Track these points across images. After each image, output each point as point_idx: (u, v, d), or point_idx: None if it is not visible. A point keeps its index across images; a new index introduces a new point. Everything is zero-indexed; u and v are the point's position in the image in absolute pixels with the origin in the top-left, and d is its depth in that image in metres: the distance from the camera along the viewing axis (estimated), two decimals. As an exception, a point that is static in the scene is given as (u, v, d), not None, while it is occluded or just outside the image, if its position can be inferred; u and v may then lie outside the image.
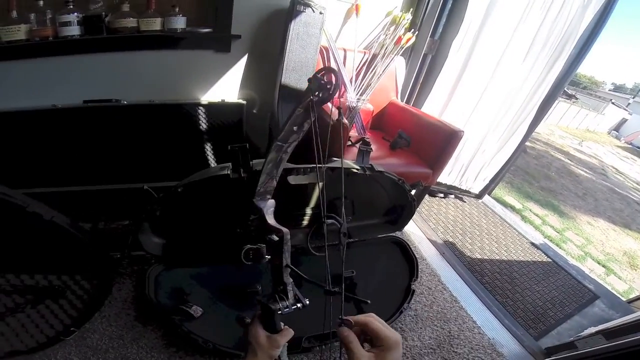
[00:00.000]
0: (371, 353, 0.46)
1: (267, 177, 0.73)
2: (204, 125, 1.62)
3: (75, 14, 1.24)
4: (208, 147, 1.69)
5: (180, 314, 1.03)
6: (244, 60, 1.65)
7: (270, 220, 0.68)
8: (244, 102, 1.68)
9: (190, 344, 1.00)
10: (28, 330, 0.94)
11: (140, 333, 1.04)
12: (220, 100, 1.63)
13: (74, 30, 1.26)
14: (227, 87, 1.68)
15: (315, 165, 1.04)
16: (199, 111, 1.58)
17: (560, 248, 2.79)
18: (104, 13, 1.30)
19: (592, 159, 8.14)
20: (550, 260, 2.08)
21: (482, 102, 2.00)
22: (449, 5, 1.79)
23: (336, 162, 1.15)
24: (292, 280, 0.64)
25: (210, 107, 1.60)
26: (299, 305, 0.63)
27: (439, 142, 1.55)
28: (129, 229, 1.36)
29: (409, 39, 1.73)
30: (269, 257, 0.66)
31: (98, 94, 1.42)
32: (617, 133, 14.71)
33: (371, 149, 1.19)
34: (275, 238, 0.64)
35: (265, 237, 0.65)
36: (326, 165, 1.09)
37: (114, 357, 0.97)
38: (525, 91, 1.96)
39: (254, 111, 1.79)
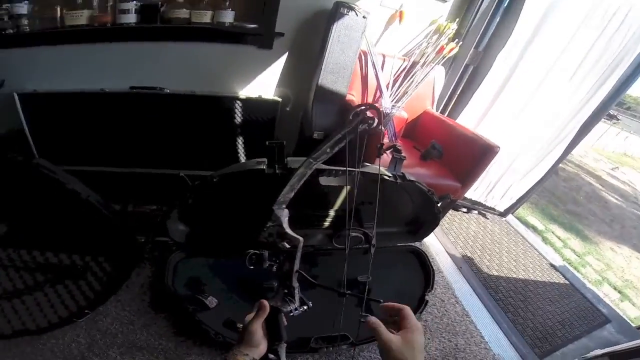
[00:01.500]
0: (398, 335, 0.52)
1: (290, 188, 0.75)
2: (239, 119, 1.66)
3: (134, 1, 1.30)
4: (240, 141, 1.73)
5: (195, 303, 1.03)
6: (283, 58, 1.67)
7: (287, 229, 0.69)
8: (280, 99, 1.70)
9: (200, 334, 1.00)
10: (43, 310, 0.94)
11: (152, 320, 1.04)
12: (257, 96, 1.66)
13: (131, 18, 1.32)
14: (265, 84, 1.72)
15: (346, 169, 1.07)
16: (236, 105, 1.62)
17: (577, 272, 2.68)
18: (159, 3, 1.35)
19: (625, 186, 7.68)
20: (567, 282, 2.04)
21: (521, 118, 1.94)
22: (497, 18, 1.75)
23: (369, 168, 1.16)
24: (298, 284, 0.66)
25: (247, 102, 1.63)
26: (304, 307, 0.65)
27: (472, 156, 1.52)
28: (155, 213, 1.37)
29: (452, 49, 1.70)
30: (272, 263, 0.68)
31: (144, 81, 1.48)
32: (657, 160, 13.80)
33: (404, 157, 1.19)
34: (287, 245, 0.66)
35: (279, 243, 0.67)
36: (360, 169, 1.10)
37: (121, 342, 0.97)
38: (568, 111, 1.89)
39: (287, 109, 1.82)
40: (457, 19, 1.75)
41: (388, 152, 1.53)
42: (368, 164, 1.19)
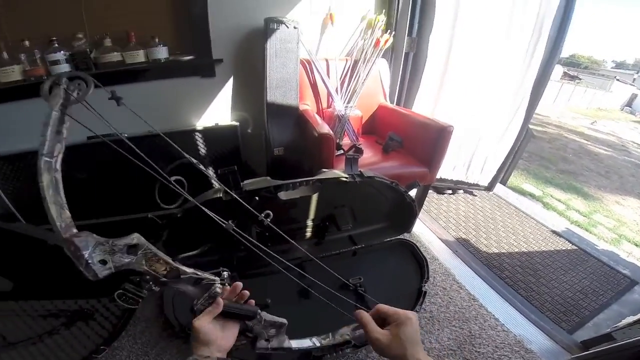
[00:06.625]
0: (386, 330, 0.53)
1: (59, 208, 0.50)
2: (202, 149, 1.67)
3: (62, 52, 1.27)
4: (210, 171, 1.72)
5: None
6: (230, 82, 1.70)
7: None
8: (237, 123, 1.71)
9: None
10: (64, 350, 1.04)
11: (163, 348, 1.10)
12: (214, 124, 1.67)
13: (64, 68, 1.28)
14: (219, 111, 1.74)
15: (303, 179, 1.07)
16: (195, 136, 1.63)
17: (590, 233, 2.58)
18: (88, 49, 1.33)
19: (609, 137, 7.81)
20: (575, 247, 1.94)
21: (472, 92, 1.96)
22: (419, 1, 1.78)
23: (325, 174, 1.15)
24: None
25: (206, 132, 1.64)
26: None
27: (430, 140, 1.52)
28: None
29: (387, 40, 1.73)
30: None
31: (100, 129, 1.46)
32: (630, 108, 14.38)
33: (358, 155, 1.20)
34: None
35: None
36: (313, 177, 1.10)
37: (140, 372, 1.03)
38: (514, 76, 1.91)
39: (249, 131, 1.83)
40: (384, 10, 1.79)
41: (350, 152, 1.54)
42: (325, 170, 1.18)
